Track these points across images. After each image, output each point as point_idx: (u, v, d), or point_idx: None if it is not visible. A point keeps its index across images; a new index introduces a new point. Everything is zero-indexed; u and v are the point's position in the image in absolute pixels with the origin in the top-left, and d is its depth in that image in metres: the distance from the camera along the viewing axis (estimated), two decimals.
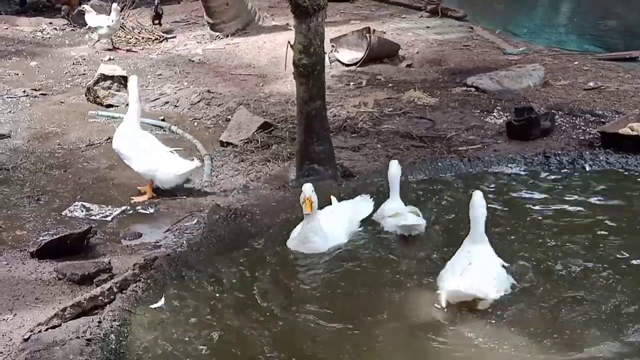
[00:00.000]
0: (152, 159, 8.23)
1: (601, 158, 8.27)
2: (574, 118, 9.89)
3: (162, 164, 8.21)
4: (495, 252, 6.06)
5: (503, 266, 5.98)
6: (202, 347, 5.31)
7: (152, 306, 5.73)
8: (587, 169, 8.20)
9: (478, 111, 10.39)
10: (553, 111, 9.85)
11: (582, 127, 9.59)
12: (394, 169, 7.24)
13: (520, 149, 8.88)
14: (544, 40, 15.05)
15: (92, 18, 14.94)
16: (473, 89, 11.27)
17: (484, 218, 6.05)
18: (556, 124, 9.60)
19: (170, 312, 5.71)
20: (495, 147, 9.09)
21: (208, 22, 15.22)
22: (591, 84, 11.34)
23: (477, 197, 6.08)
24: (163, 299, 5.81)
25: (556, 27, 16.60)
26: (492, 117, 10.16)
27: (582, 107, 10.29)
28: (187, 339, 5.41)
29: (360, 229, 7.02)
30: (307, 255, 6.57)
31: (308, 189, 6.64)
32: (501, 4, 18.68)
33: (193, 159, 8.31)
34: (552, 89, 11.21)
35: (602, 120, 9.72)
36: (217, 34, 14.99)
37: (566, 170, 8.22)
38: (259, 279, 6.21)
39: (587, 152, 8.46)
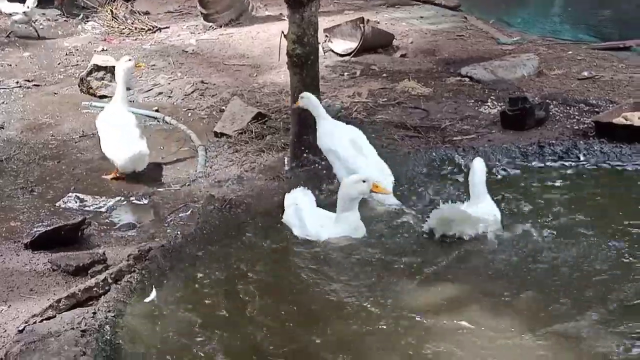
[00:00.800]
0: (109, 142, 8.52)
1: (595, 148, 8.27)
2: (568, 108, 9.89)
3: (114, 147, 8.44)
4: None
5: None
6: (199, 338, 5.30)
7: (145, 300, 5.71)
8: (582, 158, 8.19)
9: (472, 101, 10.38)
10: (547, 101, 9.84)
11: (577, 117, 9.58)
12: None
13: (514, 138, 8.88)
14: (538, 30, 15.03)
15: (5, 5, 15.08)
16: (467, 79, 11.27)
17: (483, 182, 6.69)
18: (550, 113, 9.60)
19: (163, 305, 5.70)
20: (490, 137, 9.09)
21: (201, 13, 15.18)
22: (585, 73, 11.34)
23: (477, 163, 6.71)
24: (154, 291, 5.78)
25: (550, 16, 16.58)
26: (487, 106, 10.15)
27: (576, 96, 10.29)
28: (181, 331, 5.41)
29: None
30: (301, 244, 6.57)
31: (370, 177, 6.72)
32: None
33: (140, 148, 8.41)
34: (546, 79, 11.21)
35: (596, 109, 9.72)
36: (211, 24, 14.95)
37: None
38: (255, 271, 6.21)
39: (581, 142, 8.46)
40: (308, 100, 7.72)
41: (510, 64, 11.54)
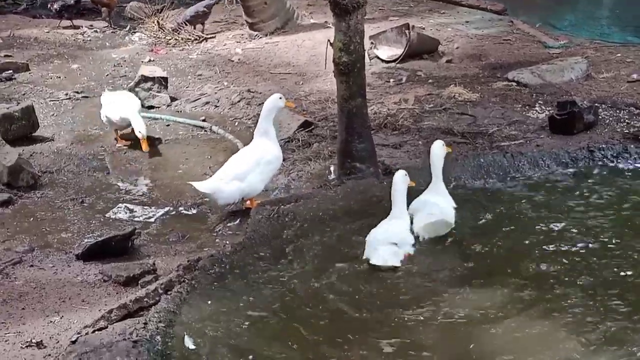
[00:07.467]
0: None
1: None
2: (618, 111, 9.77)
3: None
4: None
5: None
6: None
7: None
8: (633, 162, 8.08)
9: (520, 106, 10.30)
10: (596, 104, 9.73)
11: (627, 121, 9.48)
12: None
13: (563, 143, 8.80)
14: (585, 33, 14.82)
15: None
16: (514, 84, 11.16)
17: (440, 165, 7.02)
18: (600, 117, 9.50)
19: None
20: (538, 142, 9.02)
21: (247, 22, 15.23)
22: (635, 76, 11.18)
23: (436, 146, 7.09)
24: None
25: (598, 19, 16.37)
26: (534, 111, 10.07)
27: (626, 100, 10.17)
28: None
29: None
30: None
31: None
32: None
33: None
34: (594, 82, 11.07)
35: None
36: (256, 33, 14.98)
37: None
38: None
39: (631, 146, 8.34)
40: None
41: (558, 68, 11.41)
